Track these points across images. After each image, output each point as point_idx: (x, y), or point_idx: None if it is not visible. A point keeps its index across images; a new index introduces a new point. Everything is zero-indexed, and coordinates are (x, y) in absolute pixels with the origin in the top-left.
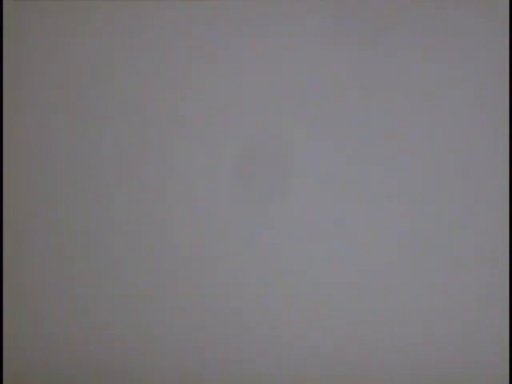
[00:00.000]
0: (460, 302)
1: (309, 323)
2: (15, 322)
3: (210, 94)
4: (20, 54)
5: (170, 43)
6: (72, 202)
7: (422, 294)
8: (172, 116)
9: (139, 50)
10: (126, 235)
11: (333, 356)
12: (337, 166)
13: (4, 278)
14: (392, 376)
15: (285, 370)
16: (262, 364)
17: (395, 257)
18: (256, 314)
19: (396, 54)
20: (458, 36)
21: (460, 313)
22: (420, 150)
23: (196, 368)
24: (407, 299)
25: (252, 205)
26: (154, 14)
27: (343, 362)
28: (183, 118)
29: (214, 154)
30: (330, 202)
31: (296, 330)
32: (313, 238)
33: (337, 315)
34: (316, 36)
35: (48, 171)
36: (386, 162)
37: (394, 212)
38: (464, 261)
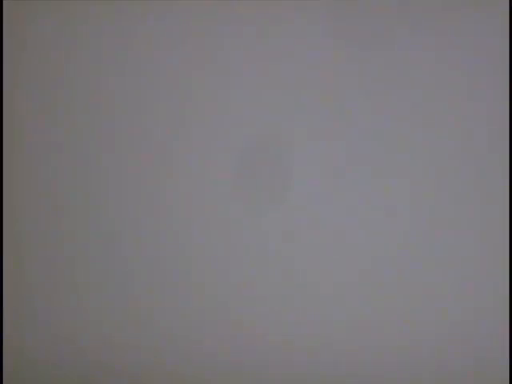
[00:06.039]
0: (460, 301)
1: (309, 323)
2: (15, 322)
3: (210, 94)
4: (20, 54)
5: (171, 43)
6: (72, 202)
7: (421, 294)
8: (172, 116)
9: (139, 51)
10: (126, 236)
11: (333, 356)
12: (337, 165)
13: (4, 277)
14: (392, 376)
15: (285, 370)
16: (262, 364)
17: (395, 257)
18: (256, 314)
19: (396, 54)
20: (458, 36)
21: (460, 312)
22: (420, 150)
23: (196, 368)
24: (407, 299)
25: (252, 205)
26: (154, 14)
27: (343, 362)
28: (183, 118)
29: (213, 155)
30: (330, 201)
31: (296, 330)
32: (313, 238)
33: (337, 315)
34: (316, 36)
35: (48, 171)
36: (386, 161)
37: (394, 212)
38: (464, 261)
